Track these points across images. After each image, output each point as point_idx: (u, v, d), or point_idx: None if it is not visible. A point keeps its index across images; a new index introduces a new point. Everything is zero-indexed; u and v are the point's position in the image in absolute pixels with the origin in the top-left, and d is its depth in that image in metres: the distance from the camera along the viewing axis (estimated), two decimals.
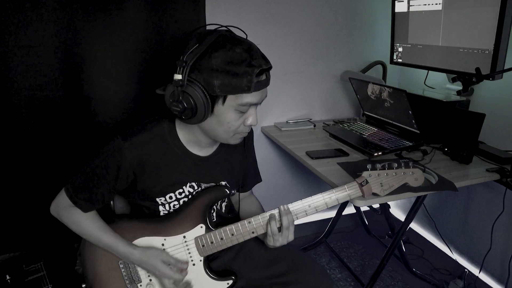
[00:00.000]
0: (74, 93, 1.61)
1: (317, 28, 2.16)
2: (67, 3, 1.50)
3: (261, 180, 1.45)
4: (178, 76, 0.95)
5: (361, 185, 1.11)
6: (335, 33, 2.22)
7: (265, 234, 1.14)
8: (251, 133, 1.32)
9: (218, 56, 0.93)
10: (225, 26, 1.02)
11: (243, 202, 1.38)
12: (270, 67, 1.02)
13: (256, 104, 1.04)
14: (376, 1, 2.24)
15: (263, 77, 1.00)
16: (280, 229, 1.11)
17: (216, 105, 1.00)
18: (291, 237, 1.13)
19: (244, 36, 1.02)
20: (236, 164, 1.28)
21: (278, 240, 1.12)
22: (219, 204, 1.27)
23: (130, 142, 1.06)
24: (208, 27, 1.03)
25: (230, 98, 0.98)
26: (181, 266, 1.13)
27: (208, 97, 0.97)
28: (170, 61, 0.99)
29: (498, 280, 1.95)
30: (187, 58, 0.94)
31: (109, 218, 1.18)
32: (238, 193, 1.36)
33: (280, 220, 1.11)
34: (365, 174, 1.12)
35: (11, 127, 1.56)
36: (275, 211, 1.13)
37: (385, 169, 1.12)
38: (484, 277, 2.01)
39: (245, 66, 0.94)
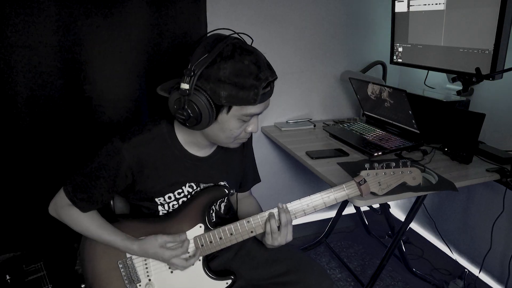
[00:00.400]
0: (74, 93, 1.62)
1: (317, 28, 2.17)
2: (67, 3, 1.50)
3: (260, 181, 1.45)
4: (185, 86, 0.95)
5: (359, 184, 1.11)
6: (335, 33, 2.22)
7: (264, 233, 1.14)
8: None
9: (227, 67, 0.93)
10: (235, 32, 1.01)
11: (242, 203, 1.38)
12: (276, 78, 1.02)
13: (259, 114, 1.05)
14: (376, 1, 2.24)
15: (268, 88, 1.01)
16: (279, 227, 1.11)
17: (221, 114, 1.00)
18: (289, 237, 1.13)
19: (250, 41, 1.02)
20: (234, 164, 1.28)
21: (277, 239, 1.11)
22: (218, 204, 1.27)
23: (129, 143, 1.07)
24: (215, 31, 1.03)
25: (235, 109, 0.99)
26: (180, 239, 1.13)
27: (213, 105, 0.97)
28: (173, 61, 0.99)
29: (498, 280, 1.95)
30: (195, 68, 0.94)
31: (109, 218, 1.18)
32: (236, 193, 1.36)
33: (279, 218, 1.11)
34: (363, 173, 1.12)
35: (11, 126, 1.56)
36: (275, 210, 1.13)
37: (383, 168, 1.12)
38: (484, 277, 2.01)
39: (252, 79, 0.95)
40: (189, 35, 1.73)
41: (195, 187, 1.17)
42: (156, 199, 1.15)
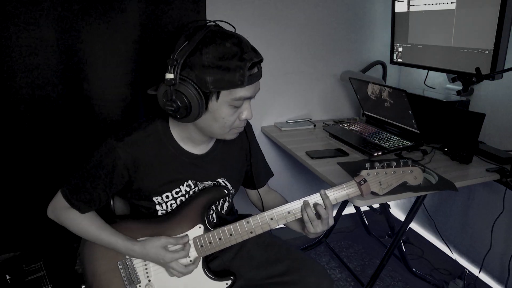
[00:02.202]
0: (74, 92, 1.61)
1: (317, 28, 2.16)
2: (67, 3, 1.50)
3: (272, 175, 1.45)
4: (170, 75, 0.94)
5: (359, 184, 1.10)
6: (335, 33, 2.22)
7: (301, 224, 1.15)
8: (250, 128, 1.32)
9: (209, 52, 0.93)
10: (213, 21, 1.01)
11: (265, 198, 1.39)
12: (261, 60, 1.01)
13: (250, 98, 1.04)
14: (376, 1, 2.24)
15: (255, 70, 1.00)
16: (318, 215, 1.10)
17: (210, 102, 0.99)
18: (331, 221, 1.12)
19: (232, 30, 1.01)
20: (234, 161, 1.27)
21: (319, 225, 1.10)
22: (220, 204, 1.27)
23: (124, 142, 1.06)
24: (195, 24, 1.02)
25: (224, 94, 0.98)
26: (182, 241, 1.12)
27: (201, 94, 0.96)
28: (161, 61, 0.99)
29: (498, 280, 1.95)
30: (178, 56, 0.94)
31: (109, 218, 1.18)
32: (256, 190, 1.37)
33: (323, 204, 1.10)
34: (363, 173, 1.11)
35: (11, 126, 1.56)
36: (309, 198, 1.12)
37: (383, 168, 1.11)
38: (484, 277, 2.01)
39: (236, 60, 0.94)
40: None
41: (193, 186, 1.17)
42: (154, 198, 1.14)
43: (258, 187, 1.38)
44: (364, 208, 2.59)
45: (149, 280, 1.17)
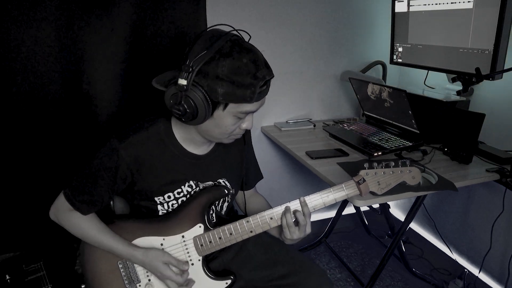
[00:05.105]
0: (74, 92, 1.61)
1: (317, 28, 2.16)
2: (67, 3, 1.50)
3: (262, 177, 1.44)
4: (183, 82, 0.95)
5: (358, 183, 1.11)
6: (335, 33, 2.22)
7: (280, 229, 1.14)
8: (248, 131, 1.32)
9: (225, 65, 0.93)
10: (234, 29, 1.01)
11: (250, 201, 1.38)
12: (272, 77, 1.02)
13: (254, 112, 1.05)
14: (376, 1, 2.24)
15: (265, 87, 1.01)
16: (296, 222, 1.11)
17: (217, 110, 1.00)
18: (308, 230, 1.13)
19: (248, 38, 1.02)
20: (234, 161, 1.28)
21: (295, 232, 1.11)
22: (219, 204, 1.27)
23: (126, 143, 1.07)
24: (214, 27, 1.03)
25: (231, 106, 0.99)
26: (182, 267, 1.13)
27: (210, 102, 0.97)
28: (172, 61, 0.99)
29: (498, 280, 1.94)
30: (194, 64, 0.94)
31: (109, 218, 1.18)
32: (242, 191, 1.36)
33: (302, 211, 1.10)
34: (362, 172, 1.12)
35: (11, 126, 1.56)
36: (291, 204, 1.12)
37: (382, 167, 1.12)
38: (483, 277, 2.01)
39: (250, 78, 0.95)
40: (189, 35, 1.73)
41: (194, 187, 1.17)
42: (156, 198, 1.15)
43: (246, 188, 1.38)
44: (364, 208, 2.59)
45: (149, 280, 1.17)
